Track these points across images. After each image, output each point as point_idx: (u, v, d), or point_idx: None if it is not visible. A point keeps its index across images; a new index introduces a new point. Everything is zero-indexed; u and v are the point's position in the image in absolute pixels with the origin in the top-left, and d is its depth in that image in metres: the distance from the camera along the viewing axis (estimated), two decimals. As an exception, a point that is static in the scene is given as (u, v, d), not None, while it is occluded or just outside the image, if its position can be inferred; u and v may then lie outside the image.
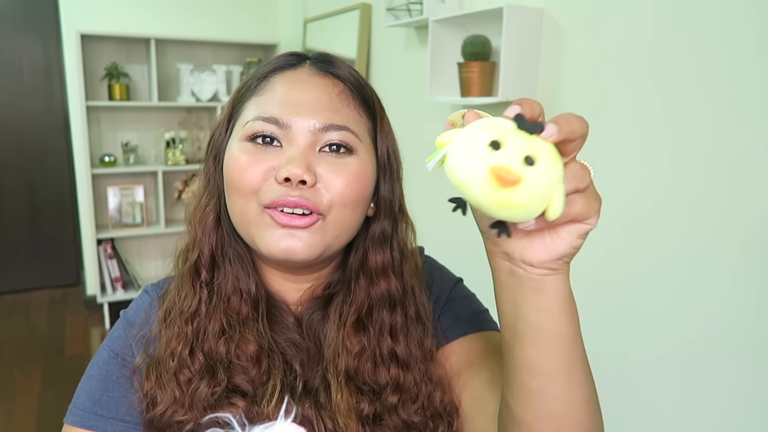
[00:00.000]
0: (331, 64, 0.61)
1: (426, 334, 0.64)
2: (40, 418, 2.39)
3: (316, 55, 0.63)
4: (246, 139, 0.58)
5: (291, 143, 0.56)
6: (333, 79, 0.60)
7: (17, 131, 3.62)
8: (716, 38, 1.24)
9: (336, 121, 0.57)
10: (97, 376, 0.61)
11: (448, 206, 0.41)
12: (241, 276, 0.63)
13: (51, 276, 3.87)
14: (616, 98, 1.48)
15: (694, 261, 1.32)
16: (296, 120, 0.56)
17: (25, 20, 3.51)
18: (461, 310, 0.69)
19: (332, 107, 0.58)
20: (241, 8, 3.52)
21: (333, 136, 0.57)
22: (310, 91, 0.58)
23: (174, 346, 0.59)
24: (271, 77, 0.60)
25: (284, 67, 0.61)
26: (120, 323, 0.65)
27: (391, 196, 0.64)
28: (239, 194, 0.57)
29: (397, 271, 0.64)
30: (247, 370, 0.59)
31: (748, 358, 1.23)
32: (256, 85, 0.61)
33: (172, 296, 0.63)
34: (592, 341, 1.73)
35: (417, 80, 2.17)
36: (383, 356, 0.62)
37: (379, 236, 0.63)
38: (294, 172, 0.54)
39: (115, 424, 0.59)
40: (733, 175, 1.24)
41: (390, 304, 0.63)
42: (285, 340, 0.63)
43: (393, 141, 0.64)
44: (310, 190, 0.56)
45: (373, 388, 0.61)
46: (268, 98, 0.59)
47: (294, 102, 0.57)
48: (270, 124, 0.57)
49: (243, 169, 0.57)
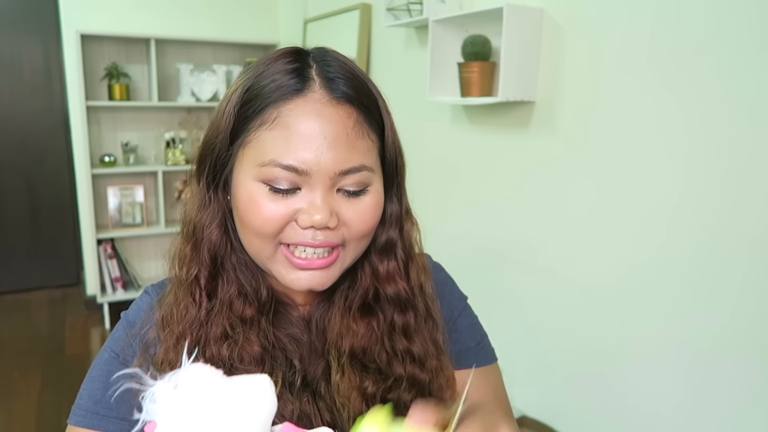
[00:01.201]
0: (343, 84, 0.57)
1: (437, 330, 0.66)
2: (40, 418, 2.39)
3: (320, 65, 0.58)
4: (263, 182, 0.56)
5: (311, 188, 0.56)
6: (347, 108, 0.56)
7: (17, 131, 3.61)
8: (717, 37, 1.24)
9: (354, 162, 0.56)
10: (99, 377, 0.62)
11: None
12: (246, 280, 0.63)
13: (51, 276, 3.87)
14: (616, 98, 1.48)
15: (702, 263, 1.32)
16: (316, 167, 0.55)
17: (25, 20, 3.50)
18: (467, 341, 0.72)
19: (349, 145, 0.56)
20: (241, 8, 3.52)
21: (352, 180, 0.57)
22: (325, 129, 0.55)
23: (172, 357, 0.59)
24: (280, 106, 0.55)
25: (292, 94, 0.56)
26: (121, 324, 0.65)
27: (398, 207, 0.64)
28: (257, 236, 0.58)
29: (403, 273, 0.64)
30: (250, 371, 0.59)
31: (754, 362, 1.23)
32: (265, 113, 0.56)
33: (169, 302, 0.62)
34: (598, 342, 1.73)
35: (417, 80, 2.17)
36: (396, 351, 0.63)
37: (384, 244, 0.64)
38: (319, 221, 0.55)
39: (117, 423, 0.60)
40: (741, 175, 1.23)
41: (400, 307, 0.64)
42: (286, 335, 0.63)
43: (397, 144, 0.63)
44: (332, 231, 0.57)
45: (379, 368, 0.62)
46: (282, 138, 0.55)
47: (311, 144, 0.55)
48: (290, 172, 0.55)
49: (264, 216, 0.56)
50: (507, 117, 1.84)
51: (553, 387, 1.75)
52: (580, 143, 1.59)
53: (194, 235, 0.62)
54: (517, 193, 1.83)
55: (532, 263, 1.80)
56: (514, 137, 1.82)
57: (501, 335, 0.74)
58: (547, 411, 1.75)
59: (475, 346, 0.72)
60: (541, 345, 1.78)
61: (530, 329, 1.81)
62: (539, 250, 1.77)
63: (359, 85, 0.58)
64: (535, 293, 1.80)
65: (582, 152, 1.59)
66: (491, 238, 1.97)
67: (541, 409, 1.78)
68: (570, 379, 1.69)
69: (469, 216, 2.05)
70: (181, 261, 0.62)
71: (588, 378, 1.62)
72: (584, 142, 1.58)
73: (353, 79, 0.58)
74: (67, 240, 3.86)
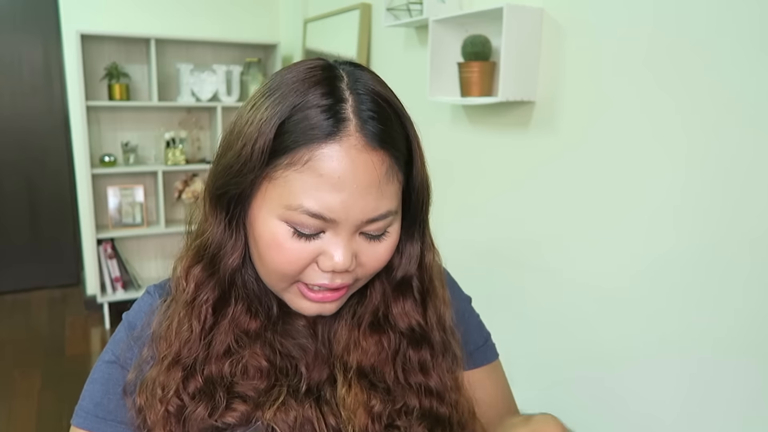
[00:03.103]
0: (378, 125, 0.53)
1: (457, 363, 0.66)
2: (39, 419, 2.39)
3: (359, 110, 0.53)
4: (287, 223, 0.54)
5: (336, 233, 0.54)
6: (380, 154, 0.53)
7: (17, 131, 3.61)
8: (718, 36, 1.24)
9: (382, 210, 0.55)
10: (99, 379, 0.62)
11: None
12: (254, 297, 0.62)
13: (51, 276, 3.87)
14: (616, 98, 1.48)
15: (704, 264, 1.32)
16: (344, 215, 0.53)
17: (25, 20, 3.50)
18: (477, 340, 0.73)
19: (379, 194, 0.54)
20: (241, 8, 3.52)
21: (376, 226, 0.56)
22: (357, 178, 0.52)
23: (163, 380, 0.58)
24: (314, 150, 0.52)
25: (326, 137, 0.52)
26: (122, 326, 0.65)
27: (420, 246, 0.63)
28: (276, 274, 0.57)
29: (420, 310, 0.64)
30: (255, 383, 0.59)
31: (758, 366, 1.22)
32: (296, 153, 0.52)
33: (168, 320, 0.60)
34: (597, 344, 1.73)
35: (417, 80, 2.17)
36: (411, 383, 0.62)
37: (400, 281, 0.63)
38: (341, 266, 0.54)
39: (115, 426, 0.60)
40: (742, 176, 1.23)
41: (414, 340, 0.64)
42: (294, 344, 0.63)
43: (425, 180, 0.60)
44: (350, 273, 0.57)
45: (388, 388, 0.62)
46: (313, 184, 0.52)
47: (342, 194, 0.52)
48: (317, 219, 0.53)
49: (287, 258, 0.55)
50: (507, 117, 1.84)
51: (552, 388, 1.75)
52: (580, 143, 1.59)
53: (212, 264, 0.59)
54: (517, 193, 1.83)
55: (532, 263, 1.80)
56: (514, 137, 1.82)
57: (500, 335, 0.75)
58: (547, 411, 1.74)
59: (483, 345, 0.73)
60: (540, 346, 1.78)
61: (530, 330, 1.81)
62: (539, 250, 1.77)
63: (394, 124, 0.55)
64: (535, 293, 1.80)
65: (582, 152, 1.59)
66: (491, 238, 1.97)
67: (541, 410, 1.77)
68: (569, 381, 1.69)
69: (469, 216, 2.05)
70: (189, 281, 0.60)
71: (588, 380, 1.62)
72: (584, 142, 1.58)
73: (388, 119, 0.54)
74: (67, 240, 3.86)
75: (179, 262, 0.61)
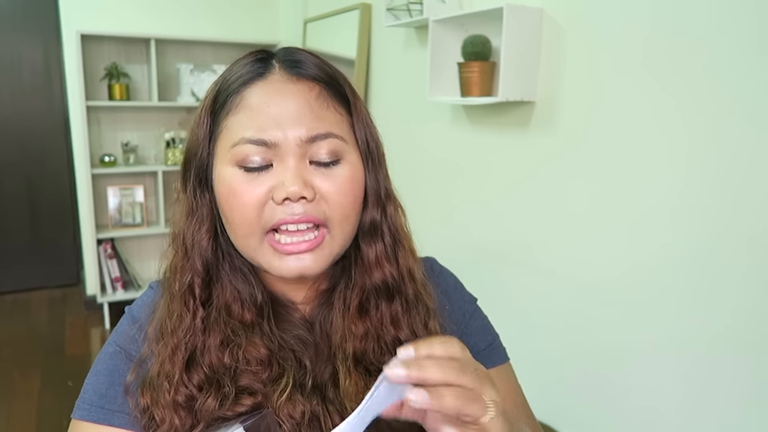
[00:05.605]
0: (300, 65, 0.59)
1: (429, 315, 0.65)
2: (39, 419, 2.39)
3: (282, 55, 0.61)
4: (236, 165, 0.57)
5: (282, 161, 0.56)
6: (307, 83, 0.58)
7: (17, 131, 3.61)
8: (717, 35, 1.24)
9: (321, 129, 0.57)
10: (104, 371, 0.62)
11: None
12: (241, 285, 0.62)
13: (51, 276, 3.87)
14: (616, 98, 1.48)
15: (702, 262, 1.32)
16: (282, 137, 0.56)
17: (25, 20, 3.50)
18: (478, 342, 0.71)
19: (314, 115, 0.57)
20: (241, 8, 3.52)
21: (321, 148, 0.57)
22: (288, 102, 0.57)
23: (168, 369, 0.58)
24: (243, 91, 0.58)
25: (254, 78, 0.59)
26: (125, 319, 0.66)
27: (377, 185, 0.63)
28: (241, 225, 0.57)
29: (391, 258, 0.64)
30: (258, 373, 0.58)
31: (755, 360, 1.23)
32: (230, 101, 0.59)
33: (161, 317, 0.61)
34: (597, 341, 1.73)
35: (417, 80, 2.17)
36: (387, 344, 0.62)
37: (369, 227, 0.63)
38: (292, 191, 0.55)
39: (122, 417, 0.60)
40: (740, 174, 1.23)
41: (387, 294, 0.63)
42: (293, 337, 0.63)
43: (371, 125, 0.63)
44: (311, 204, 0.56)
45: (380, 369, 0.62)
46: (247, 117, 0.57)
47: (276, 117, 0.56)
48: (258, 146, 0.56)
49: (243, 200, 0.56)
50: (507, 117, 1.84)
51: (551, 386, 1.75)
52: (580, 143, 1.59)
53: (184, 243, 0.61)
54: (517, 192, 1.83)
55: (532, 263, 1.80)
56: (514, 137, 1.83)
57: (501, 334, 0.74)
58: (546, 410, 1.75)
59: (486, 348, 0.71)
60: (541, 344, 1.78)
61: (530, 328, 1.81)
62: (539, 249, 1.77)
63: (321, 66, 0.60)
64: (535, 292, 1.80)
65: (582, 152, 1.59)
66: (491, 237, 1.97)
67: (540, 409, 1.77)
68: (569, 378, 1.69)
69: (469, 216, 2.05)
70: (173, 273, 0.62)
71: (587, 377, 1.62)
72: (584, 142, 1.58)
73: (315, 61, 0.60)
74: (67, 240, 3.86)
75: (164, 263, 0.64)
